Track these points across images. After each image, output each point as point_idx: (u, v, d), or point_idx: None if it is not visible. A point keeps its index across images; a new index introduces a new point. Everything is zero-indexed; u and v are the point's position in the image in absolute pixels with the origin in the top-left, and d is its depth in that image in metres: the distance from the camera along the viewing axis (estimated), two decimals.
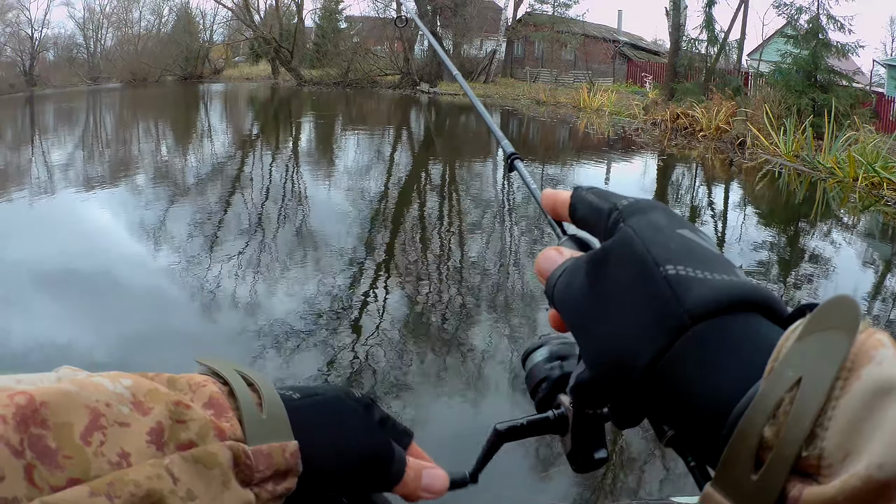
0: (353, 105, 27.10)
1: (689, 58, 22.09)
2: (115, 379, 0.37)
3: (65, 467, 0.31)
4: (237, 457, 0.38)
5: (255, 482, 0.39)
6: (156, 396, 0.37)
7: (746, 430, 0.29)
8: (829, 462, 0.27)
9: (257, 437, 0.40)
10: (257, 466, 0.39)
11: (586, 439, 0.49)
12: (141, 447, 0.34)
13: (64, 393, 0.33)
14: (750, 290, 0.35)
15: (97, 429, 0.33)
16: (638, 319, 0.36)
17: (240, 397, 0.41)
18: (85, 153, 14.86)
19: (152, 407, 0.36)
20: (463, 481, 0.52)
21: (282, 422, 0.42)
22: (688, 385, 0.33)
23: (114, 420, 0.34)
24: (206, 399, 0.40)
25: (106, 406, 0.34)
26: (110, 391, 0.35)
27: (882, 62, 28.44)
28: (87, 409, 0.33)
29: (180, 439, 0.36)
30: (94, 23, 46.30)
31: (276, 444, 0.40)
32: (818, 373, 0.28)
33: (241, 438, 0.39)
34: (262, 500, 0.39)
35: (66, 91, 36.84)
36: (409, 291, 6.09)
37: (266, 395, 0.43)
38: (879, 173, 11.34)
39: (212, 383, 0.42)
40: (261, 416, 0.41)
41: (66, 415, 0.32)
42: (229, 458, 0.37)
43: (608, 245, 0.40)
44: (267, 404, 0.42)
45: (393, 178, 12.08)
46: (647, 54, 36.93)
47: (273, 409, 0.42)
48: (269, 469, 0.40)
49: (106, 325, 5.10)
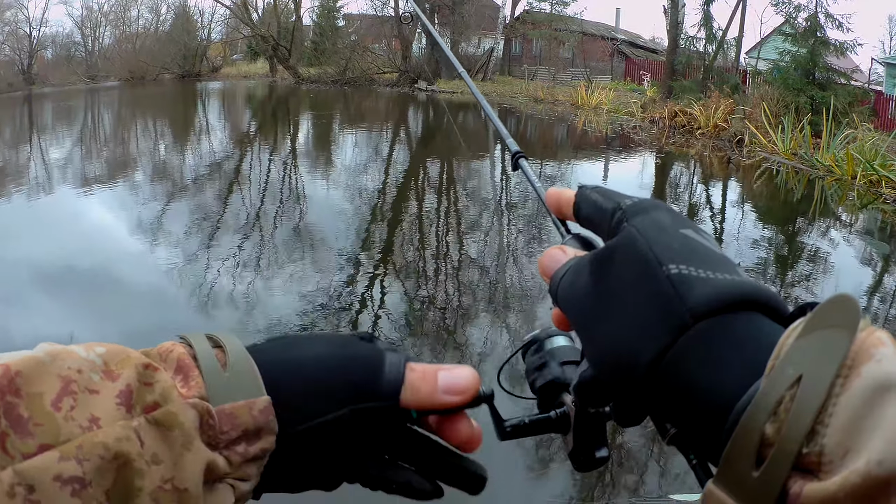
0: (352, 103, 27.06)
1: (688, 56, 22.12)
2: (89, 347, 0.37)
3: (35, 434, 0.31)
4: (202, 417, 0.37)
5: (223, 444, 0.38)
6: (126, 362, 0.36)
7: (748, 428, 0.29)
8: (830, 459, 0.27)
9: (221, 396, 0.38)
10: (221, 427, 0.37)
11: (588, 438, 0.49)
12: (110, 410, 0.34)
13: (38, 361, 0.33)
14: (751, 289, 0.35)
15: (67, 394, 0.33)
16: (641, 318, 0.36)
17: (200, 357, 0.40)
18: (83, 151, 14.83)
19: (121, 372, 0.36)
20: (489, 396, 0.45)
21: (248, 378, 0.40)
22: (690, 383, 0.34)
23: (84, 386, 0.34)
24: (175, 363, 0.39)
25: (77, 373, 0.34)
26: (83, 358, 0.35)
27: (880, 60, 28.48)
28: (58, 378, 0.33)
29: (146, 401, 0.35)
30: (93, 21, 46.20)
31: (240, 402, 0.38)
32: (819, 370, 0.28)
33: (205, 397, 0.38)
34: (235, 464, 0.38)
35: (64, 89, 36.75)
36: (409, 289, 6.08)
37: (231, 353, 0.41)
38: (878, 171, 11.35)
39: (179, 347, 0.41)
40: (223, 374, 0.39)
41: (38, 383, 0.33)
42: (193, 418, 0.36)
43: (612, 244, 0.41)
44: (231, 361, 0.40)
45: (391, 177, 12.07)
46: (645, 52, 36.90)
47: (238, 366, 0.40)
48: (236, 429, 0.38)
49: (103, 322, 5.10)
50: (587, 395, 0.42)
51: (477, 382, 0.44)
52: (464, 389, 0.43)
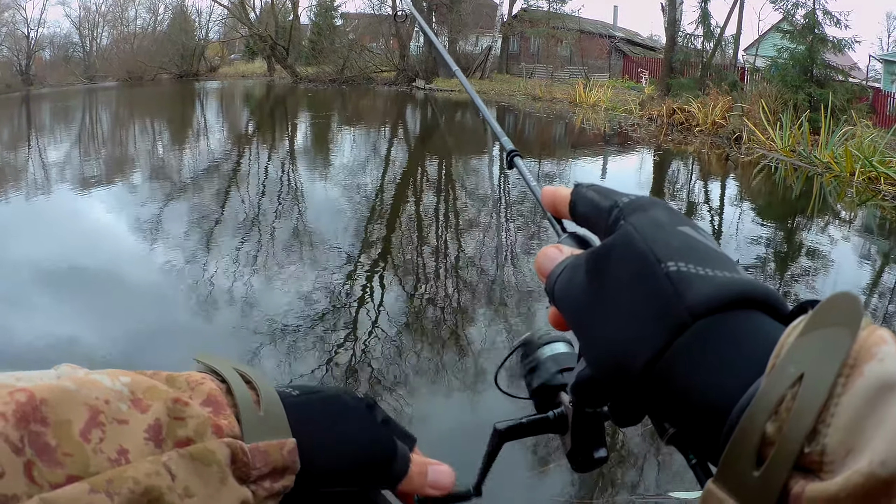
0: (350, 102, 27.05)
1: (686, 53, 22.11)
2: (114, 376, 0.37)
3: (64, 464, 0.31)
4: (235, 454, 0.38)
5: (253, 479, 0.39)
6: (154, 393, 0.37)
7: (748, 427, 0.29)
8: (832, 458, 0.27)
9: (255, 434, 0.40)
10: (254, 464, 0.39)
11: (586, 438, 0.48)
12: (139, 444, 0.34)
13: (63, 390, 0.33)
14: (751, 287, 0.35)
15: (96, 426, 0.33)
16: (639, 317, 0.36)
17: (237, 395, 0.41)
18: (82, 152, 14.82)
19: (151, 404, 0.36)
20: (466, 494, 0.51)
21: (279, 419, 0.42)
22: (689, 382, 0.33)
23: (112, 417, 0.34)
24: (205, 396, 0.40)
25: (105, 403, 0.34)
26: (109, 388, 0.35)
27: (878, 57, 28.51)
28: (86, 407, 0.33)
29: (178, 436, 0.36)
30: (90, 22, 46.16)
31: (273, 441, 0.40)
32: (820, 369, 0.28)
33: (238, 436, 0.39)
34: (259, 498, 0.39)
35: (62, 90, 36.73)
36: (408, 288, 6.08)
37: (264, 393, 0.43)
38: (876, 168, 11.36)
39: (210, 381, 0.42)
40: (258, 414, 0.41)
41: (65, 412, 0.32)
42: (227, 455, 0.37)
43: (609, 242, 0.40)
44: (264, 402, 0.42)
45: (390, 175, 12.06)
46: (643, 50, 36.92)
47: (271, 406, 0.42)
48: (267, 466, 0.39)
49: (105, 322, 5.09)
50: (585, 395, 0.42)
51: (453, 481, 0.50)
52: (446, 486, 0.50)
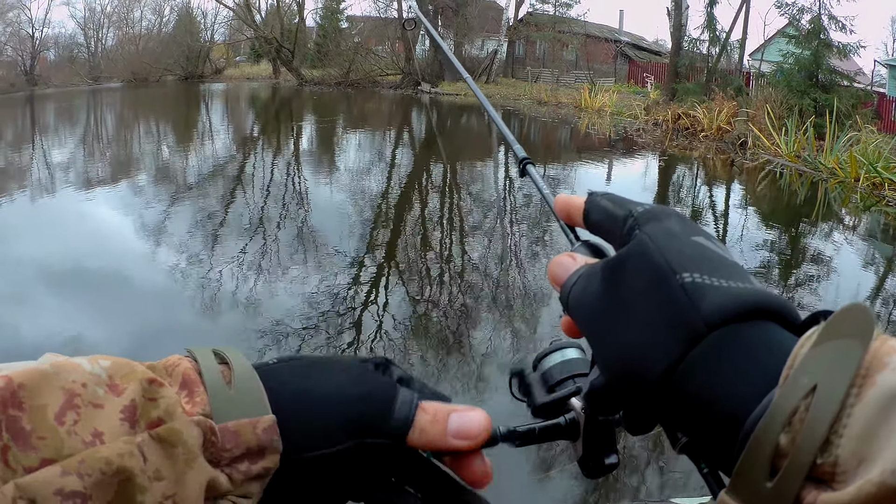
0: (355, 105, 27.09)
1: (691, 58, 22.09)
2: (94, 361, 0.36)
3: (38, 448, 0.31)
4: (205, 434, 0.37)
5: (226, 462, 0.37)
6: (130, 376, 0.36)
7: (762, 438, 0.29)
8: (844, 469, 0.27)
9: (225, 413, 0.38)
10: (224, 444, 0.37)
11: (597, 445, 0.48)
12: (114, 426, 0.34)
13: (41, 373, 0.33)
14: (765, 298, 0.35)
15: (71, 408, 0.33)
16: (654, 326, 0.36)
17: (205, 373, 0.40)
18: (86, 153, 14.86)
19: (126, 386, 0.36)
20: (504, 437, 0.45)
21: (254, 396, 0.39)
22: (703, 392, 0.33)
23: (88, 400, 0.34)
24: (180, 378, 0.39)
25: (82, 386, 0.34)
26: (87, 371, 0.35)
27: (883, 62, 28.44)
28: (62, 391, 0.33)
29: (151, 417, 0.35)
30: (95, 22, 46.28)
31: (245, 420, 0.38)
32: (833, 380, 0.28)
33: (209, 415, 0.38)
34: (237, 481, 0.38)
35: (66, 90, 36.81)
36: (414, 293, 6.08)
37: (238, 370, 0.40)
38: (881, 174, 11.33)
39: (185, 361, 0.40)
40: (228, 392, 0.39)
41: (41, 396, 0.32)
42: (197, 435, 0.36)
43: (624, 252, 0.40)
44: (238, 379, 0.40)
45: (396, 180, 12.07)
46: (648, 54, 36.90)
47: (244, 383, 0.40)
48: (239, 447, 0.37)
49: (106, 323, 5.11)
50: (598, 403, 0.42)
51: (488, 427, 0.43)
52: (475, 435, 0.42)
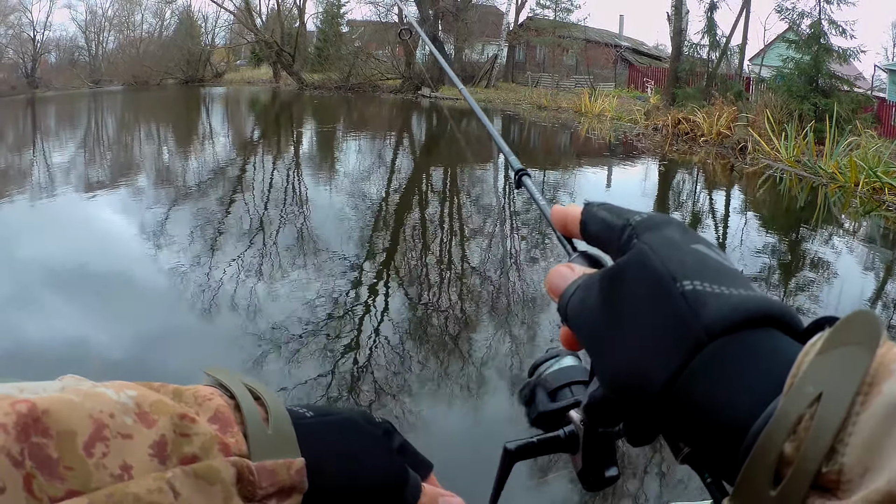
0: (355, 109, 27.12)
1: (691, 63, 22.14)
2: (120, 389, 0.36)
3: (65, 478, 0.30)
4: (241, 473, 0.37)
5: (258, 499, 0.38)
6: (160, 408, 0.36)
7: (766, 446, 0.29)
8: (849, 478, 0.27)
9: (262, 452, 0.39)
10: (260, 483, 0.37)
11: (597, 458, 0.48)
12: (144, 460, 0.33)
13: (67, 402, 0.32)
14: (767, 305, 0.34)
15: (100, 440, 0.32)
16: (655, 336, 0.35)
17: (245, 412, 0.40)
18: (87, 157, 14.87)
19: (157, 419, 0.35)
20: None
21: (288, 438, 0.40)
22: (706, 402, 0.33)
23: (117, 431, 0.33)
24: (212, 413, 0.39)
25: (110, 417, 0.33)
26: (114, 401, 0.34)
27: (883, 67, 28.50)
28: (90, 420, 0.32)
29: (183, 453, 0.35)
30: (96, 25, 46.41)
31: (281, 460, 0.39)
32: (838, 388, 0.28)
33: (245, 454, 0.38)
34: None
35: (67, 93, 36.87)
36: (412, 297, 6.08)
37: (273, 411, 0.41)
38: (881, 178, 11.34)
39: (218, 396, 0.40)
40: (266, 432, 0.40)
41: (68, 424, 0.31)
42: (233, 475, 0.36)
43: (623, 261, 0.40)
44: (273, 419, 0.40)
45: (394, 186, 12.08)
46: (648, 59, 36.98)
47: (280, 424, 0.41)
48: (273, 486, 0.38)
49: (108, 325, 5.10)
50: (598, 415, 0.42)
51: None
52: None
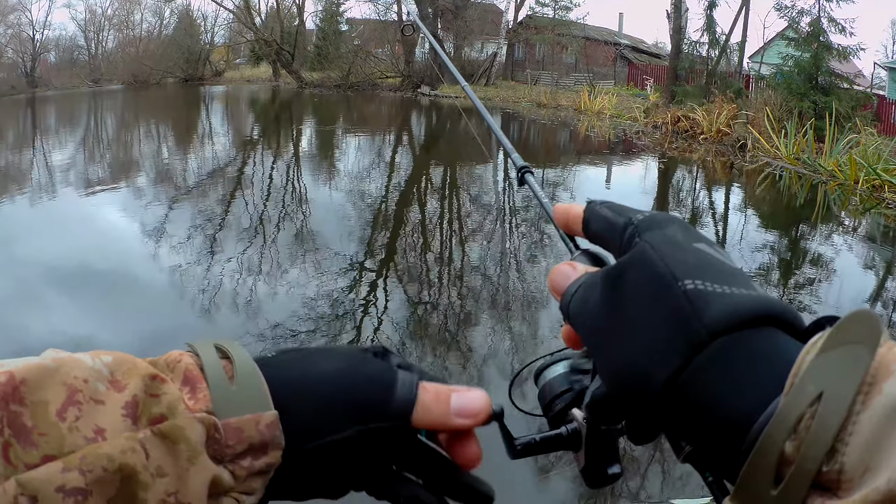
0: (355, 108, 27.11)
1: (691, 60, 22.08)
2: (96, 356, 0.36)
3: (39, 444, 0.31)
4: (208, 431, 0.36)
5: (229, 458, 0.37)
6: (132, 372, 0.36)
7: (767, 446, 0.29)
8: (850, 477, 0.27)
9: (228, 409, 0.38)
10: (226, 441, 0.37)
11: (600, 455, 0.48)
12: (116, 422, 0.34)
13: (43, 369, 0.33)
14: (768, 304, 0.34)
15: (73, 404, 0.33)
16: (656, 335, 0.35)
17: (207, 369, 0.39)
18: (87, 156, 14.87)
19: (128, 382, 0.35)
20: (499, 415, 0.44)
21: (256, 392, 0.39)
22: (707, 401, 0.33)
23: (90, 396, 0.34)
24: (181, 375, 0.39)
25: (83, 382, 0.34)
26: (89, 367, 0.35)
27: (883, 64, 28.48)
28: (64, 386, 0.33)
29: (153, 414, 0.35)
30: (96, 25, 46.37)
31: (247, 416, 0.38)
32: (839, 388, 0.28)
33: (211, 411, 0.37)
34: (240, 477, 0.37)
35: (67, 93, 36.84)
36: (412, 296, 6.08)
37: (239, 365, 0.40)
38: (881, 176, 11.33)
39: (187, 357, 0.40)
40: (230, 388, 0.39)
41: (42, 392, 0.32)
42: (200, 432, 0.36)
43: (625, 260, 0.40)
44: (239, 374, 0.39)
45: (394, 184, 12.07)
46: (648, 57, 36.92)
47: (246, 378, 0.39)
48: (242, 443, 0.37)
49: (110, 323, 5.10)
50: (600, 413, 0.42)
51: (489, 406, 0.43)
52: (476, 412, 0.43)
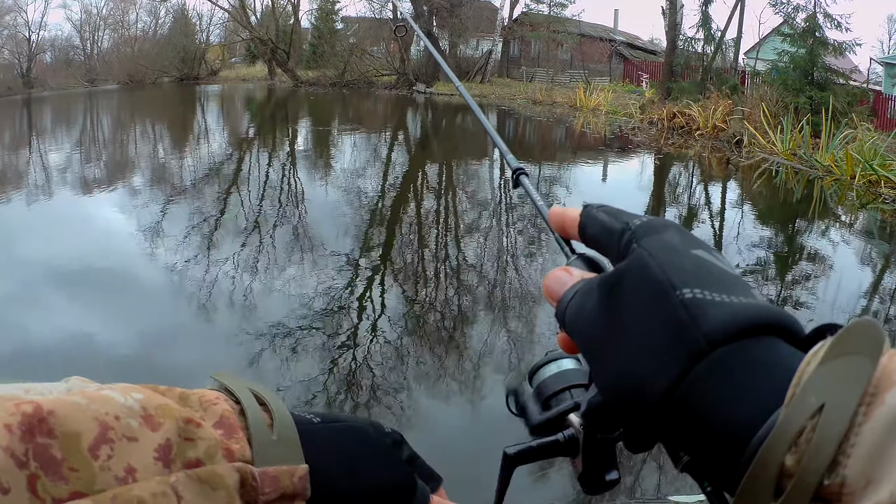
0: (350, 106, 27.08)
1: (686, 56, 22.11)
2: (126, 392, 0.36)
3: (69, 479, 0.30)
4: (244, 478, 0.37)
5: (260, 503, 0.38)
6: (166, 412, 0.36)
7: (767, 458, 0.28)
8: (851, 490, 0.26)
9: (266, 458, 0.39)
10: (262, 489, 0.37)
11: (597, 461, 0.47)
12: (148, 463, 0.33)
13: (73, 404, 0.32)
14: (767, 313, 0.34)
15: (105, 442, 0.32)
16: (654, 344, 0.35)
17: (250, 417, 0.40)
18: (83, 156, 14.83)
19: (162, 423, 0.35)
20: None
21: (292, 444, 0.41)
22: (706, 411, 0.32)
23: (122, 434, 0.33)
24: (217, 418, 0.39)
25: (115, 419, 0.33)
26: (120, 404, 0.34)
27: (879, 60, 28.48)
28: (96, 422, 0.32)
29: (188, 458, 0.35)
30: (91, 25, 46.23)
31: (284, 467, 0.39)
32: (841, 399, 0.28)
33: (249, 460, 0.38)
34: None
35: (63, 93, 36.75)
36: (408, 293, 6.08)
37: (278, 416, 0.41)
38: (877, 171, 11.36)
39: (223, 401, 0.40)
40: (271, 438, 0.40)
41: (74, 425, 0.31)
42: (236, 480, 0.36)
43: (622, 267, 0.39)
44: (278, 426, 0.41)
45: (389, 182, 12.07)
46: (643, 53, 36.95)
47: (284, 431, 0.41)
48: (275, 492, 0.38)
49: (110, 323, 5.09)
50: (597, 422, 0.41)
51: None
52: None
